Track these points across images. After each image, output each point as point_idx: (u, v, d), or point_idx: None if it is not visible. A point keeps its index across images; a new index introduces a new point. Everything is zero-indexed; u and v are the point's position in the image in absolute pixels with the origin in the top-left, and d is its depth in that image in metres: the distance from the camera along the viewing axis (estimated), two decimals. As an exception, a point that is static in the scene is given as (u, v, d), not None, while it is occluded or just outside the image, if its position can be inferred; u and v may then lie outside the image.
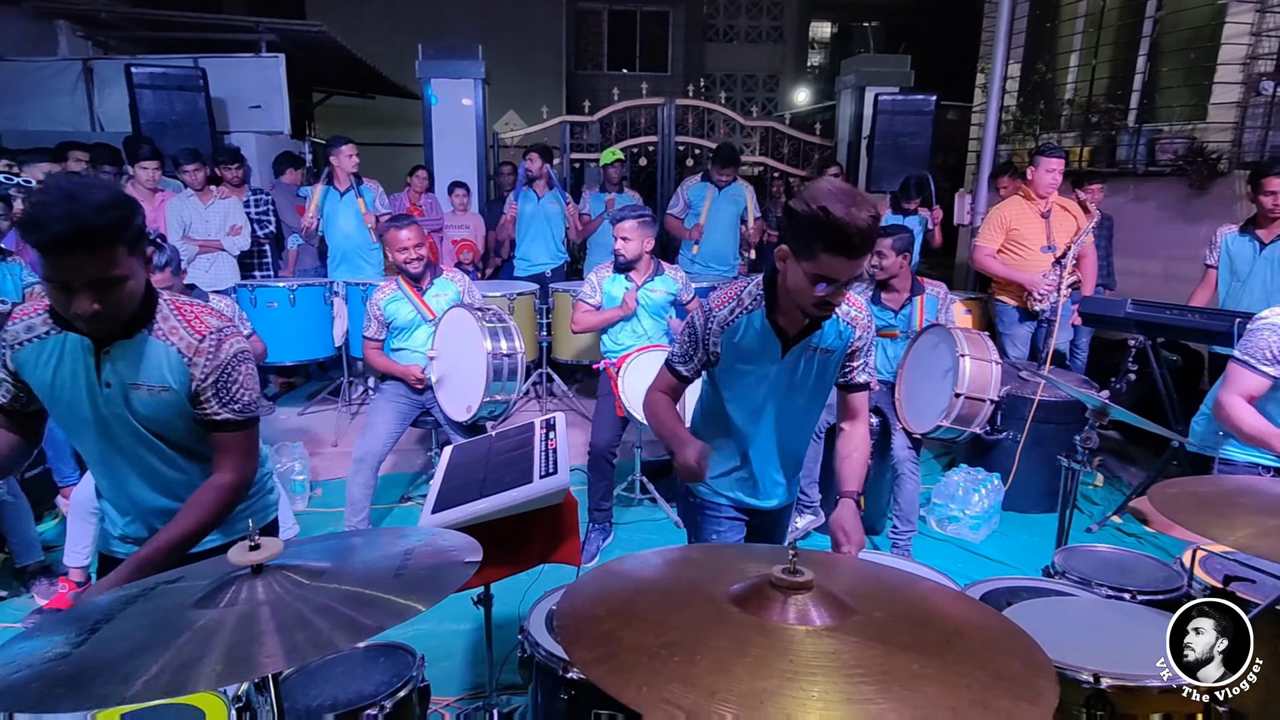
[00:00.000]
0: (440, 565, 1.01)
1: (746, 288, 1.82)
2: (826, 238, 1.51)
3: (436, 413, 3.52)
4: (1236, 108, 4.74)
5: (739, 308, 1.79)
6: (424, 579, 0.97)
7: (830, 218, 1.48)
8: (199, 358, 1.52)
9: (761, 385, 1.83)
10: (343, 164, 4.99)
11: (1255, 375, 2.32)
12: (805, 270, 1.57)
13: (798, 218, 1.55)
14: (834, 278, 1.56)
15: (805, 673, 0.87)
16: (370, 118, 10.96)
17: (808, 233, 1.53)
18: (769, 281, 1.77)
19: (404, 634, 2.92)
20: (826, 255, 1.52)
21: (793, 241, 1.61)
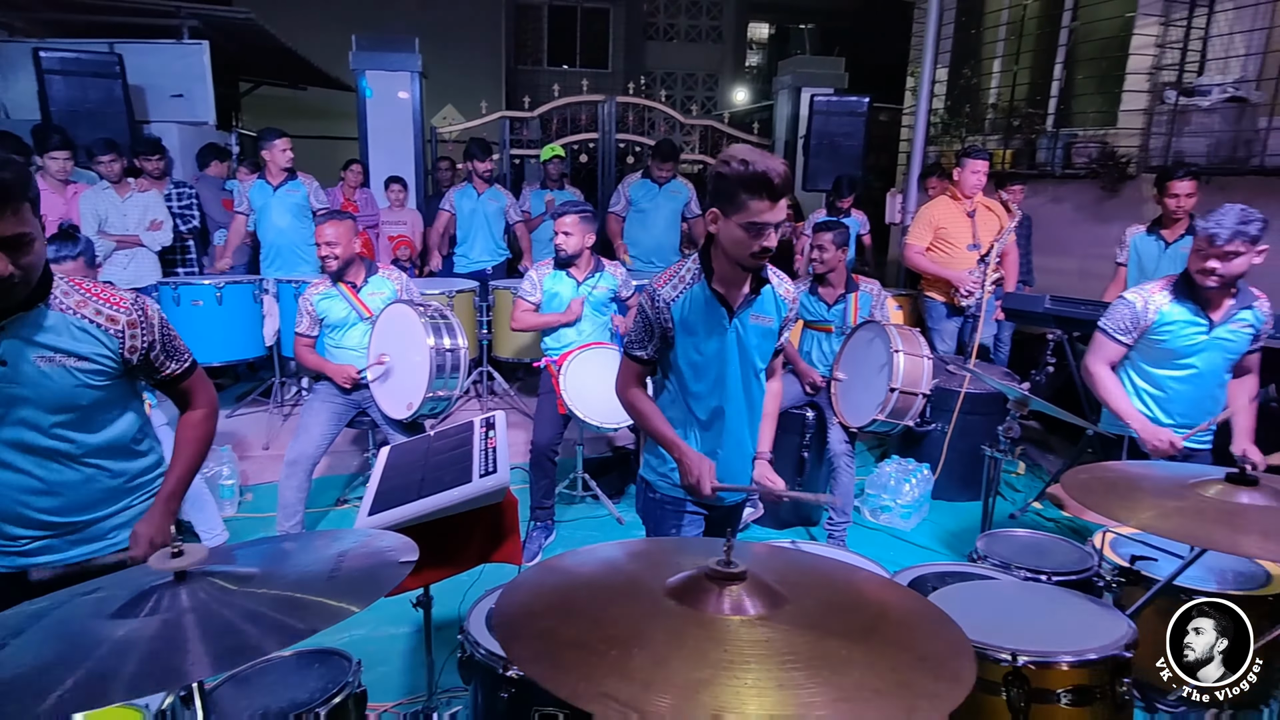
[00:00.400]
0: (375, 566, 1.00)
1: (685, 265, 1.93)
2: (750, 185, 1.68)
3: (373, 412, 3.45)
4: (1144, 115, 5.04)
5: (681, 284, 1.90)
6: (358, 580, 0.95)
7: (750, 168, 1.68)
8: (134, 329, 1.60)
9: (718, 356, 1.92)
10: (276, 159, 4.82)
11: (1113, 343, 2.68)
12: (737, 222, 1.74)
13: (722, 177, 1.73)
14: (763, 222, 1.72)
15: (739, 662, 0.89)
16: (301, 109, 10.60)
17: (733, 187, 1.71)
18: (704, 254, 1.89)
19: (341, 640, 2.86)
20: (754, 201, 1.70)
21: (719, 201, 1.76)
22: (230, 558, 1.03)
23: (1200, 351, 2.58)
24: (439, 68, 7.55)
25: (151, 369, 1.68)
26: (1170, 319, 2.57)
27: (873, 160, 8.10)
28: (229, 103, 9.72)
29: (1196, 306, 2.54)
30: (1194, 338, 2.57)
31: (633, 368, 1.98)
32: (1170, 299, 2.59)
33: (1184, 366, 2.62)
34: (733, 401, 1.97)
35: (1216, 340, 2.56)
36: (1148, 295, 2.63)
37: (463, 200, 5.54)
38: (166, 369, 1.70)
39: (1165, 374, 2.66)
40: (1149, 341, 2.63)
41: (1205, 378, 2.61)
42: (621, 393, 2.01)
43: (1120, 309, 2.67)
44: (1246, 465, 2.39)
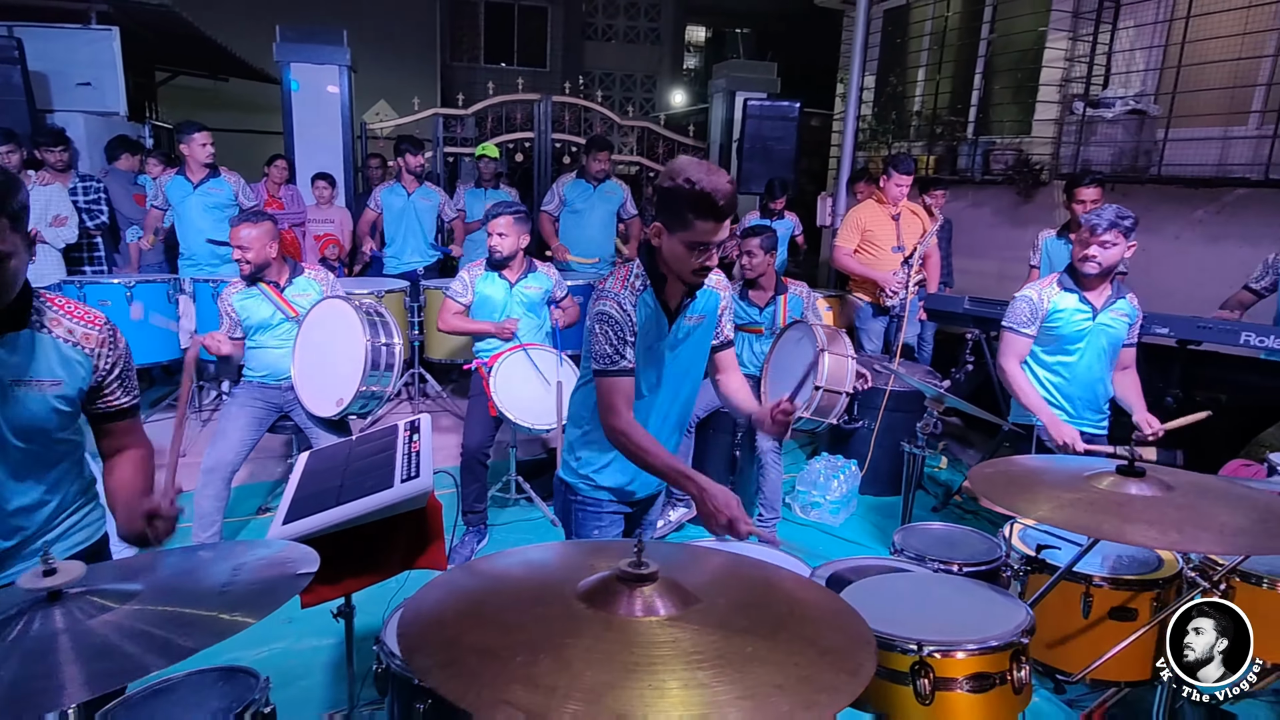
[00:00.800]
0: (271, 578, 0.96)
1: (633, 271, 1.88)
2: (696, 205, 1.66)
3: (297, 415, 3.33)
4: (1055, 124, 5.30)
5: (633, 290, 1.85)
6: (252, 594, 0.92)
7: (696, 187, 1.64)
8: (103, 349, 1.51)
9: (656, 361, 1.91)
10: (195, 153, 4.60)
11: (1019, 337, 2.91)
12: (681, 240, 1.72)
13: (667, 194, 1.70)
14: (707, 241, 1.70)
15: (646, 664, 0.89)
16: (223, 101, 10.17)
17: (678, 205, 1.68)
18: (647, 262, 1.87)
19: (260, 654, 2.78)
20: (699, 221, 1.68)
21: (665, 217, 1.74)
22: (113, 574, 0.97)
23: (1087, 336, 2.86)
24: (370, 62, 7.37)
25: (98, 392, 1.52)
26: (1060, 306, 2.85)
27: (805, 164, 8.29)
28: (144, 93, 9.26)
29: (1081, 294, 2.83)
30: (1082, 324, 2.85)
31: (619, 385, 1.78)
32: (1060, 289, 2.87)
33: (1074, 352, 2.88)
34: (669, 404, 1.98)
35: (1100, 326, 2.85)
36: (1040, 289, 2.91)
37: (391, 199, 5.41)
38: (112, 397, 1.55)
39: (1059, 360, 2.91)
40: (1045, 330, 2.88)
41: (1093, 364, 2.89)
42: (611, 425, 1.78)
43: (1020, 305, 2.91)
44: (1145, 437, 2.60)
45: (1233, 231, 4.46)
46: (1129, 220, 2.70)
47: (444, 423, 4.94)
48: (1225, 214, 4.51)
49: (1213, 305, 3.80)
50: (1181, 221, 4.67)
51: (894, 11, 6.84)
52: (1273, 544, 1.41)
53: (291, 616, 2.88)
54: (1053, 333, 2.88)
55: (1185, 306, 4.04)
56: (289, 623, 2.92)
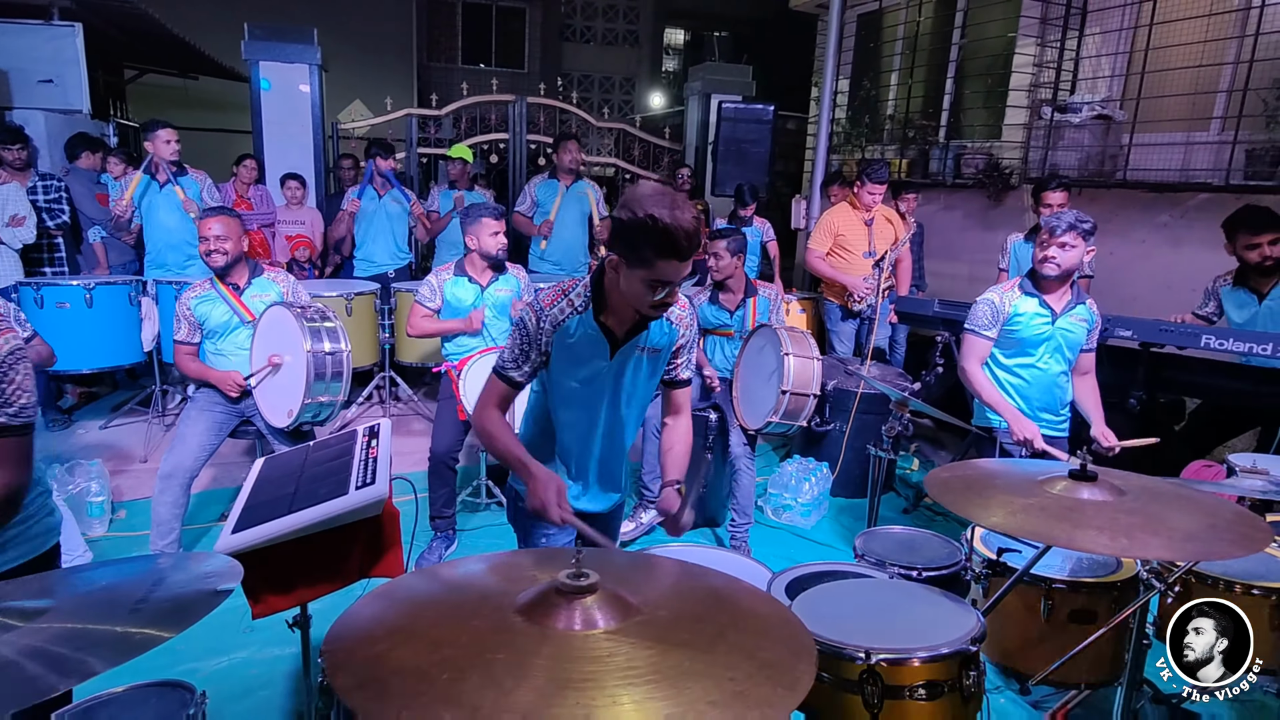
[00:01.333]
0: (188, 595, 0.93)
1: (574, 288, 1.80)
2: (657, 244, 1.55)
3: (258, 421, 3.27)
4: (1024, 129, 5.35)
5: (569, 307, 1.77)
6: (166, 610, 0.88)
7: (659, 224, 1.53)
8: None
9: (592, 387, 1.83)
10: (160, 151, 4.51)
11: (980, 340, 2.93)
12: (640, 277, 1.61)
13: (626, 227, 1.58)
14: (668, 280, 1.61)
15: (578, 680, 0.87)
16: (192, 100, 10.01)
17: (639, 241, 1.56)
18: (596, 282, 1.78)
19: (219, 665, 2.72)
20: (660, 261, 1.57)
21: (624, 250, 1.62)
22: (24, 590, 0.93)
23: (1046, 340, 2.89)
24: (345, 63, 7.29)
25: None
26: (1021, 310, 2.88)
27: (781, 167, 8.31)
28: (112, 91, 9.09)
29: (1042, 298, 2.86)
30: (1041, 327, 2.87)
31: (499, 388, 1.81)
32: (1020, 293, 2.90)
33: (1033, 355, 2.91)
34: (604, 430, 1.90)
35: (1059, 330, 2.88)
36: (1002, 292, 2.93)
37: (365, 201, 5.34)
38: None
39: (1018, 363, 2.94)
40: (1005, 333, 2.91)
41: (1051, 366, 2.92)
42: (479, 413, 1.83)
43: (981, 308, 2.94)
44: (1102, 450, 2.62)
45: (1195, 235, 4.53)
46: (1088, 224, 2.73)
47: (416, 426, 4.88)
48: (1188, 218, 4.58)
49: (1176, 308, 3.86)
50: (1147, 226, 4.74)
51: (867, 16, 6.88)
52: (1221, 549, 1.42)
53: (252, 626, 2.83)
54: (1013, 336, 2.89)
55: (1150, 309, 4.09)
56: (249, 632, 2.87)
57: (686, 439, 1.99)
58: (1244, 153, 4.14)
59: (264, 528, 1.82)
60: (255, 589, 1.91)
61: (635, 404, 1.93)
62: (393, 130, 6.68)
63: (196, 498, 3.49)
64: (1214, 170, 4.30)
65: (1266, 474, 2.26)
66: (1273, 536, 1.46)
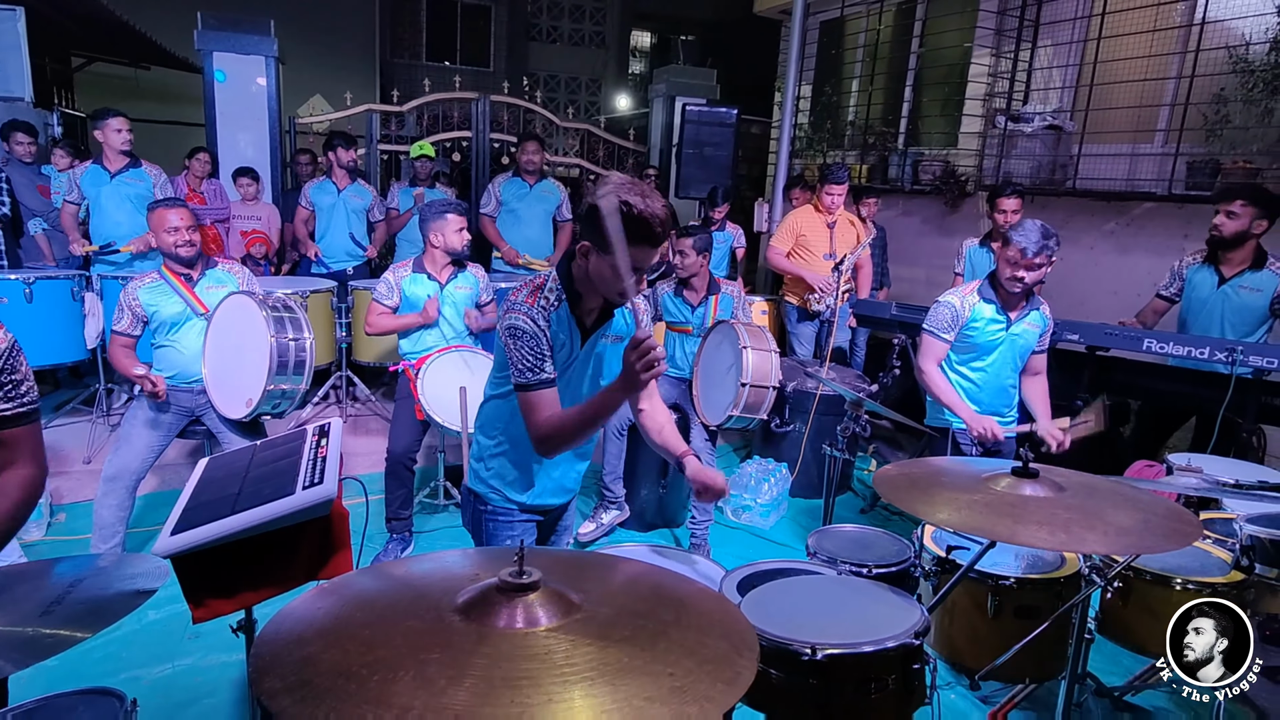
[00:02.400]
0: (107, 596, 0.89)
1: (545, 284, 1.81)
2: (632, 230, 1.58)
3: (209, 420, 3.18)
4: (979, 137, 5.48)
5: (547, 303, 1.79)
6: (83, 612, 0.85)
7: (633, 211, 1.57)
8: None
9: (566, 377, 1.85)
10: (110, 140, 4.36)
11: (938, 341, 2.98)
12: (611, 263, 1.62)
13: (600, 215, 1.59)
14: (640, 266, 1.65)
15: (515, 679, 0.86)
16: (143, 90, 9.70)
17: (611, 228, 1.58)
18: (564, 275, 1.80)
19: (163, 671, 2.64)
20: (633, 247, 1.59)
21: (596, 237, 1.64)
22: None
23: (1000, 345, 2.95)
24: (305, 57, 7.15)
25: None
26: (979, 315, 2.93)
27: (745, 171, 8.38)
28: (58, 79, 8.78)
29: (999, 305, 2.91)
30: (996, 333, 2.93)
31: (544, 397, 1.74)
32: (979, 299, 2.94)
33: (987, 359, 2.97)
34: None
35: (1012, 335, 2.94)
36: (962, 296, 2.97)
37: (321, 196, 5.25)
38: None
39: (972, 365, 3.00)
40: (962, 336, 2.96)
41: (1002, 369, 2.99)
42: (539, 432, 1.74)
43: (941, 310, 2.98)
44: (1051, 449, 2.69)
45: (1140, 243, 4.68)
46: (1054, 239, 2.76)
47: (373, 426, 4.80)
48: (1134, 226, 4.73)
49: (1122, 312, 3.98)
50: (1095, 233, 4.88)
51: (829, 24, 6.98)
52: (1155, 543, 1.47)
53: (197, 632, 2.75)
54: (969, 340, 2.95)
55: (1098, 314, 4.22)
56: (195, 638, 2.79)
57: (667, 413, 2.03)
58: (1185, 164, 4.29)
59: (205, 529, 1.77)
60: (197, 593, 1.84)
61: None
62: (353, 126, 6.56)
63: (142, 500, 3.38)
64: (1158, 180, 4.46)
65: (1201, 472, 2.34)
66: (1203, 531, 1.50)
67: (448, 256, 3.51)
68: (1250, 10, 4.12)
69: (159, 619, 2.89)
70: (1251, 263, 3.31)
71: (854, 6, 6.62)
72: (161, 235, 3.01)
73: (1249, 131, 4.09)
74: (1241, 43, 4.13)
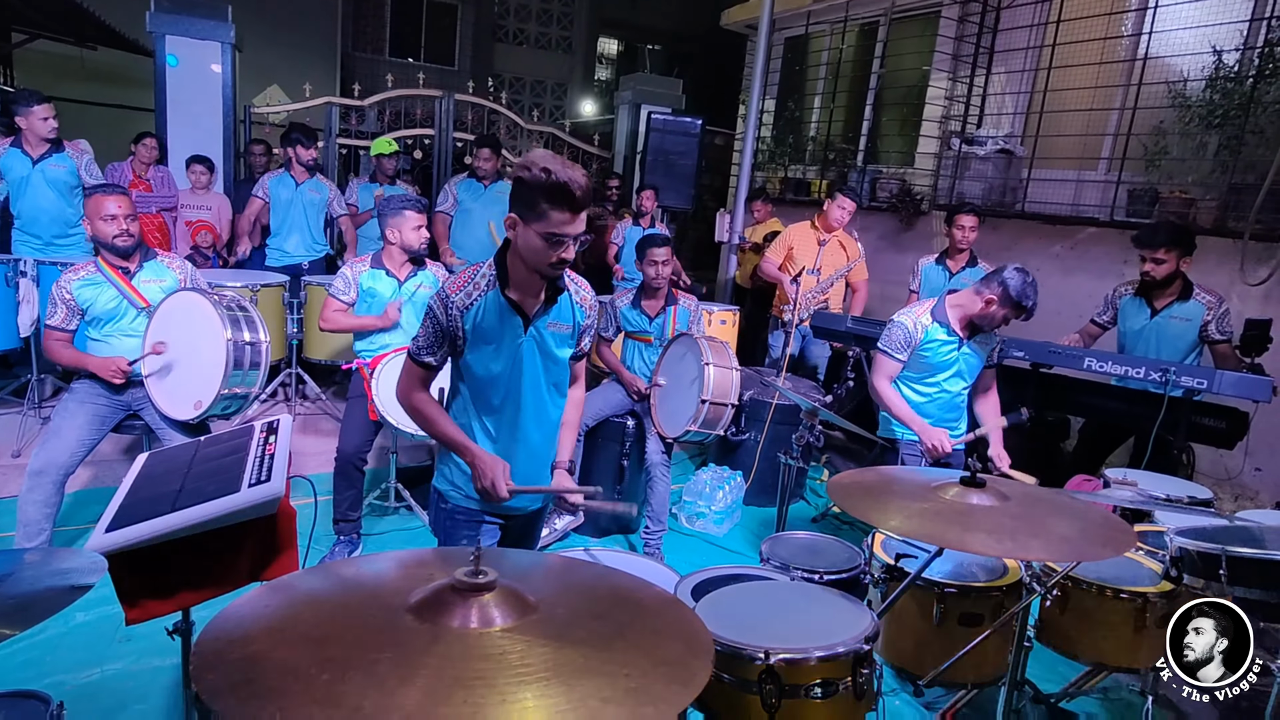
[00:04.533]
0: (39, 591, 0.85)
1: (480, 270, 1.86)
2: (552, 196, 1.65)
3: (148, 415, 3.06)
4: (935, 158, 5.63)
5: (475, 290, 1.83)
6: (12, 607, 0.80)
7: (552, 178, 1.64)
8: None
9: (514, 362, 1.87)
10: (34, 127, 4.17)
11: (891, 360, 3.04)
12: (536, 231, 1.69)
13: (522, 183, 1.67)
14: (563, 234, 1.69)
15: (468, 678, 0.85)
16: (89, 71, 9.32)
17: (534, 195, 1.66)
18: (500, 260, 1.83)
19: (92, 675, 2.52)
20: (555, 212, 1.66)
21: (520, 207, 1.71)
22: None
23: (952, 365, 3.02)
24: (262, 44, 6.97)
25: None
26: (932, 337, 2.99)
27: (708, 180, 8.46)
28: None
29: (949, 326, 2.98)
30: (948, 353, 3.01)
31: (416, 371, 1.89)
32: (932, 320, 3.01)
33: (938, 377, 3.05)
34: (526, 413, 1.92)
35: (964, 355, 3.02)
36: (915, 317, 3.03)
37: (279, 189, 5.11)
38: None
39: (925, 384, 3.07)
40: (917, 357, 3.02)
41: (954, 386, 3.07)
42: (404, 396, 1.91)
43: (895, 331, 3.04)
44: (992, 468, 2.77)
45: (1084, 266, 4.87)
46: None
47: (324, 426, 4.68)
48: (1078, 250, 4.93)
49: (1064, 332, 4.13)
50: (1042, 255, 5.06)
51: (794, 40, 7.11)
52: (1093, 550, 1.52)
53: (129, 635, 2.64)
54: (923, 361, 3.02)
55: (1042, 332, 4.36)
56: (126, 641, 2.68)
57: (579, 409, 2.13)
58: (1126, 192, 4.49)
59: (143, 526, 1.69)
60: (131, 593, 1.77)
61: (554, 383, 1.97)
62: (311, 118, 6.41)
63: (71, 497, 3.24)
64: (1101, 206, 4.65)
65: (1135, 485, 2.43)
66: (1136, 540, 1.57)
67: (405, 254, 3.45)
68: (1189, 49, 4.34)
69: (87, 620, 2.76)
70: (1179, 294, 3.49)
71: (818, 25, 6.76)
72: (97, 223, 2.88)
73: (1185, 163, 4.30)
74: (1180, 79, 4.35)
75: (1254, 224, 3.83)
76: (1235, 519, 2.31)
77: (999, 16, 5.29)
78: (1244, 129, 3.98)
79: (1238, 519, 2.32)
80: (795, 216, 5.73)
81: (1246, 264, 3.96)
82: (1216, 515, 2.33)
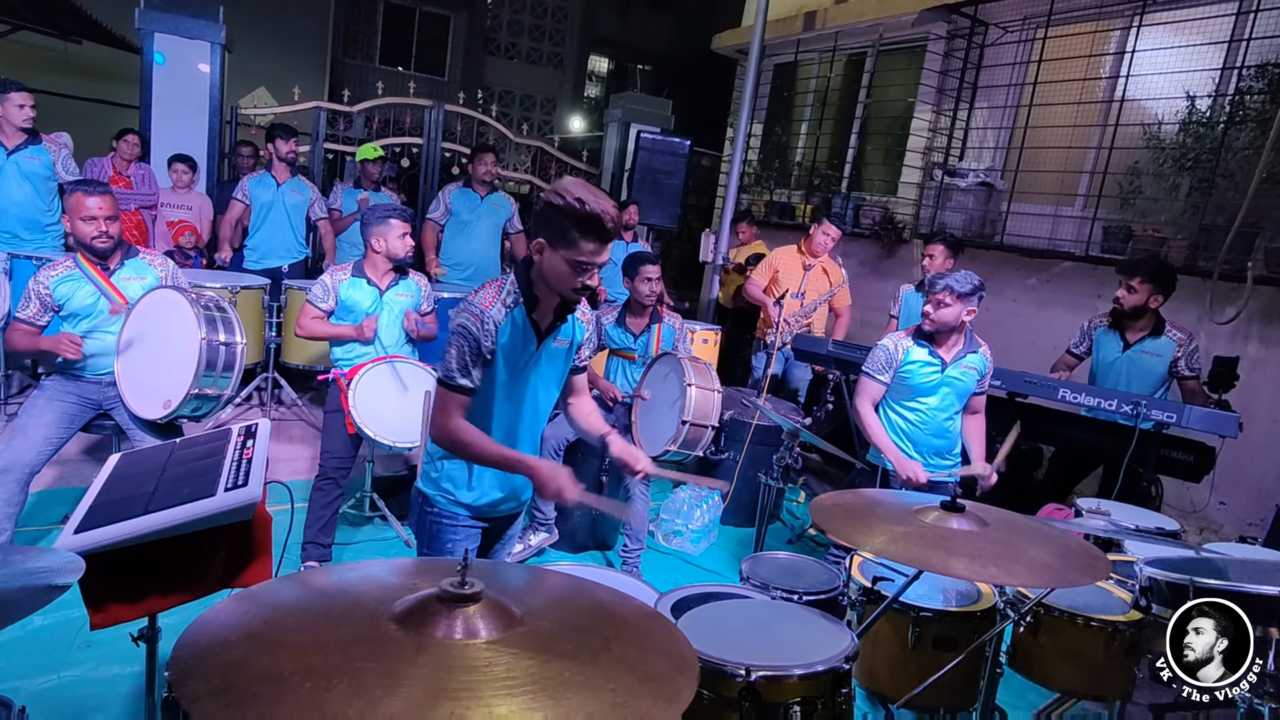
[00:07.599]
0: (14, 590, 0.83)
1: (505, 287, 1.87)
2: (584, 226, 1.68)
3: (119, 414, 2.99)
4: (917, 188, 5.74)
5: (504, 307, 1.84)
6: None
7: (586, 208, 1.67)
8: None
9: (523, 379, 1.90)
10: (10, 115, 4.09)
11: (874, 383, 3.07)
12: (564, 257, 1.72)
13: (555, 210, 1.70)
14: (591, 262, 1.73)
15: (453, 690, 0.84)
16: (73, 65, 9.20)
17: (566, 223, 1.69)
18: (523, 279, 1.85)
19: (49, 681, 2.44)
20: (585, 241, 1.70)
21: (549, 233, 1.74)
22: None
23: (936, 389, 3.04)
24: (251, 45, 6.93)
25: None
26: (913, 358, 3.03)
27: (694, 201, 8.53)
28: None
29: (932, 348, 3.02)
30: (930, 376, 3.02)
31: (456, 399, 1.82)
32: (913, 342, 3.05)
33: (923, 400, 3.06)
34: (524, 424, 1.97)
35: (948, 379, 3.03)
36: (897, 340, 3.08)
37: (259, 190, 5.07)
38: None
39: (909, 408, 3.09)
40: (898, 378, 3.05)
41: (940, 412, 3.07)
42: (441, 430, 1.83)
43: (877, 353, 3.08)
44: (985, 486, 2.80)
45: (1059, 299, 4.98)
46: (967, 284, 2.89)
47: (297, 432, 4.61)
48: (1054, 283, 5.03)
49: (1039, 362, 4.21)
50: (1018, 286, 5.17)
51: (783, 67, 7.23)
52: (1071, 576, 1.55)
53: (90, 640, 2.57)
54: (905, 382, 3.05)
55: (1018, 362, 4.45)
56: (86, 647, 2.60)
57: (593, 403, 2.17)
58: (1101, 228, 4.61)
59: (114, 528, 1.66)
60: (98, 597, 1.72)
61: (552, 394, 2.02)
62: (299, 122, 6.36)
63: (35, 497, 3.15)
64: (1076, 241, 4.76)
65: (1108, 515, 2.48)
66: (1110, 568, 1.59)
67: (389, 263, 3.43)
68: (1164, 94, 4.49)
69: (46, 625, 2.67)
70: (1151, 330, 3.58)
71: (807, 53, 6.88)
72: (77, 222, 2.83)
73: (1158, 203, 4.43)
74: (1155, 122, 4.49)
75: (1222, 264, 3.94)
76: (1202, 550, 2.36)
77: (983, 53, 5.44)
78: (1215, 172, 4.11)
79: (1204, 550, 2.37)
80: (779, 239, 5.82)
81: (1214, 302, 4.07)
82: (1185, 546, 2.38)
